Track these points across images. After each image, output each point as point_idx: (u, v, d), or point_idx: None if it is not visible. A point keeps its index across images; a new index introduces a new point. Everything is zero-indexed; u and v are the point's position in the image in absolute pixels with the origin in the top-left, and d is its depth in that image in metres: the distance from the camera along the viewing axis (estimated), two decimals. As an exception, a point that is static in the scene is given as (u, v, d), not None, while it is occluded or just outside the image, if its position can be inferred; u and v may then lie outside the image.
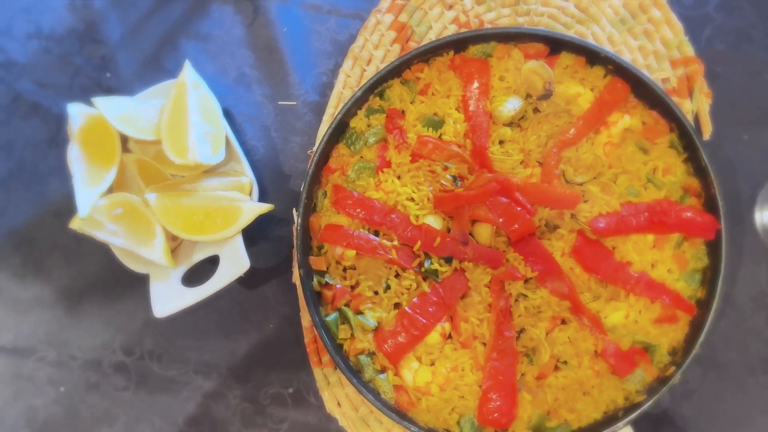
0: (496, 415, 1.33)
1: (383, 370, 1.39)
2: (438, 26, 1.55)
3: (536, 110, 1.42)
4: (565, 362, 1.36)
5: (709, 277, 1.36)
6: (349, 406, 1.51)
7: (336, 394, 1.51)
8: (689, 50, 1.54)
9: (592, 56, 1.40)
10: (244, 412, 1.55)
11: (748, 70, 1.56)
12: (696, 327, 1.34)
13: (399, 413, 1.35)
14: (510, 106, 1.39)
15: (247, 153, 1.58)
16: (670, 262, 1.37)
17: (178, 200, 1.38)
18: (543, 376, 1.36)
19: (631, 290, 1.35)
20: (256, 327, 1.57)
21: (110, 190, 1.44)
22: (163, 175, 1.48)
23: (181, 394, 1.57)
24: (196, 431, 1.56)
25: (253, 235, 1.57)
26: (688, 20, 1.56)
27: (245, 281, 1.57)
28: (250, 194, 1.46)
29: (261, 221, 1.55)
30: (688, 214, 1.36)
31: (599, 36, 1.54)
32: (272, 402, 1.55)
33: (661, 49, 1.53)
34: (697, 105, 1.51)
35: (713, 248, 1.35)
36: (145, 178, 1.47)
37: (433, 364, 1.38)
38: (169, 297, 1.38)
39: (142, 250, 1.38)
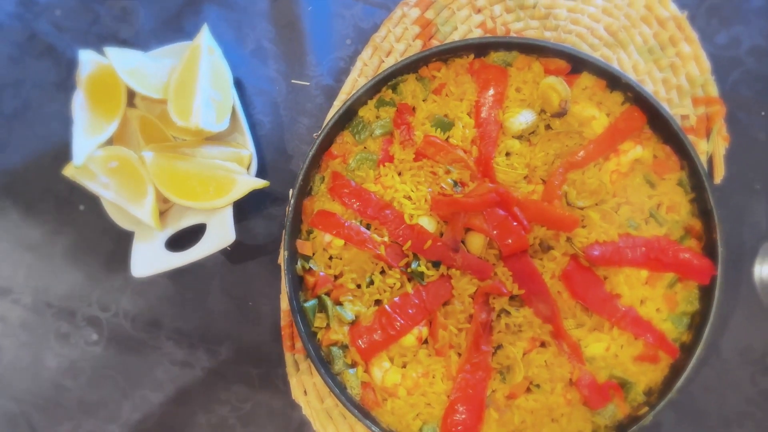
0: (459, 428, 1.31)
1: (353, 365, 1.36)
2: (464, 28, 1.52)
3: (548, 127, 1.39)
4: (538, 386, 1.33)
5: (697, 323, 1.33)
6: (315, 395, 1.49)
7: (304, 381, 1.49)
8: (713, 90, 1.50)
9: (613, 81, 1.36)
10: (210, 385, 1.53)
11: (771, 120, 1.53)
12: (676, 371, 1.31)
13: (362, 411, 1.33)
14: (522, 119, 1.36)
15: (253, 127, 1.56)
16: (660, 301, 1.34)
17: (174, 163, 1.36)
18: (513, 396, 1.33)
19: (616, 323, 1.32)
20: (235, 302, 1.55)
21: (110, 143, 1.42)
22: (164, 136, 1.46)
23: (149, 358, 1.55)
24: (160, 397, 1.54)
25: (246, 209, 1.55)
26: (717, 60, 1.53)
27: (231, 255, 1.56)
28: (248, 168, 1.44)
29: (256, 197, 1.53)
30: (686, 256, 1.32)
31: (624, 62, 1.50)
32: (239, 380, 1.53)
33: (684, 85, 1.50)
34: (713, 147, 1.48)
35: (706, 294, 1.32)
36: (146, 136, 1.45)
37: (404, 366, 1.35)
38: (150, 258, 1.36)
39: (130, 207, 1.37)
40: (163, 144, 1.43)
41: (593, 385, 1.32)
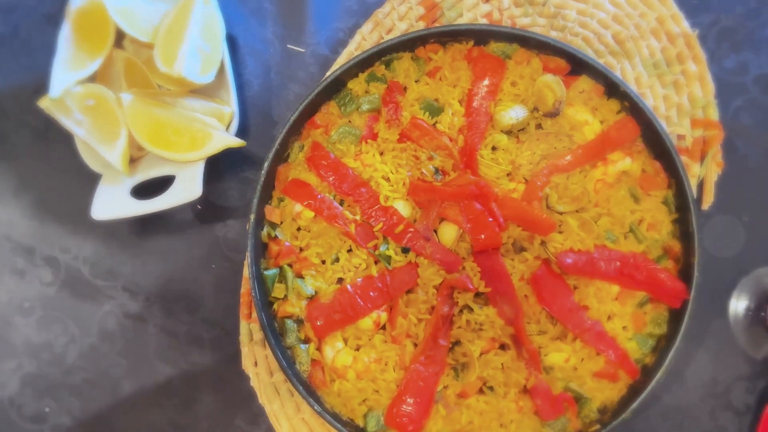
0: (405, 419, 1.27)
1: (306, 341, 1.32)
2: (469, 16, 1.48)
3: (539, 126, 1.35)
4: (491, 388, 1.29)
5: (662, 346, 1.29)
6: (265, 368, 1.45)
7: (256, 352, 1.45)
8: (714, 114, 1.46)
9: (612, 88, 1.32)
10: (160, 343, 1.50)
11: (768, 153, 1.49)
12: (634, 392, 1.27)
13: (308, 388, 1.29)
14: (514, 113, 1.32)
15: (241, 86, 1.52)
16: (628, 319, 1.30)
17: (151, 109, 1.32)
18: (465, 395, 1.29)
19: (579, 335, 1.28)
20: (199, 262, 1.51)
21: (91, 81, 1.38)
22: (148, 82, 1.42)
23: (103, 307, 1.51)
24: (108, 347, 1.50)
25: (221, 170, 1.51)
26: (722, 84, 1.48)
27: (200, 215, 1.52)
28: (227, 126, 1.40)
29: (233, 159, 1.49)
30: (660, 276, 1.28)
31: (627, 73, 1.46)
32: (191, 342, 1.49)
33: (685, 105, 1.46)
34: (705, 171, 1.44)
35: (675, 318, 1.28)
36: (129, 80, 1.41)
37: (358, 349, 1.32)
38: (113, 202, 1.32)
39: (101, 148, 1.33)
40: (145, 90, 1.39)
41: (547, 395, 1.28)
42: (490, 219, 1.29)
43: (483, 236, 1.29)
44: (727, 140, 1.46)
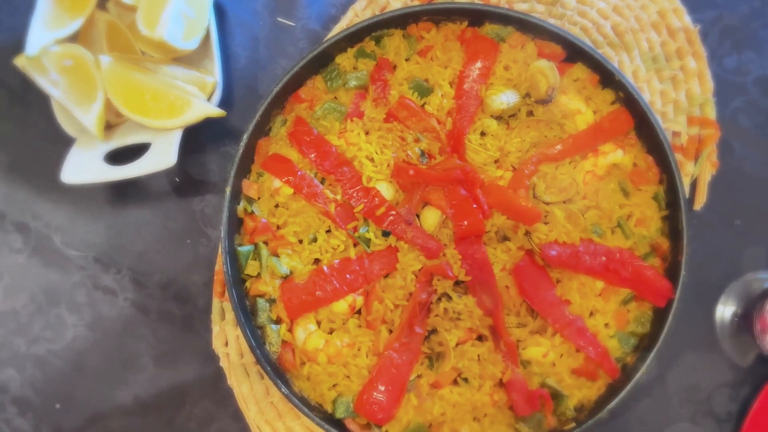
0: (375, 407, 1.22)
1: (278, 322, 1.28)
2: (466, -3, 1.43)
3: (530, 113, 1.31)
4: (466, 379, 1.25)
5: (644, 346, 1.25)
6: (235, 349, 1.40)
7: (227, 332, 1.40)
8: (712, 113, 1.42)
9: (607, 77, 1.28)
10: (129, 317, 1.45)
11: (765, 157, 1.44)
12: (612, 391, 1.23)
13: (276, 370, 1.25)
14: (505, 98, 1.28)
15: (227, 58, 1.47)
16: (610, 316, 1.26)
17: (130, 73, 1.28)
18: (438, 385, 1.25)
19: (559, 330, 1.24)
20: (173, 237, 1.46)
21: (72, 42, 1.33)
22: (131, 48, 1.37)
23: (72, 278, 1.46)
24: (75, 319, 1.45)
25: (202, 142, 1.46)
26: (721, 83, 1.44)
27: (178, 188, 1.47)
28: (209, 96, 1.36)
29: (214, 132, 1.45)
30: (647, 274, 1.24)
31: (625, 66, 1.42)
32: (160, 318, 1.45)
33: (683, 101, 1.42)
34: (699, 171, 1.40)
35: (659, 317, 1.24)
36: (111, 44, 1.36)
37: (330, 333, 1.27)
38: (84, 167, 1.27)
39: (76, 110, 1.28)
40: (126, 55, 1.34)
41: (523, 390, 1.24)
42: (475, 206, 1.25)
43: (466, 223, 1.25)
44: (724, 141, 1.42)
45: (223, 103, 1.41)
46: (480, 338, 1.27)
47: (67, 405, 1.43)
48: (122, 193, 1.47)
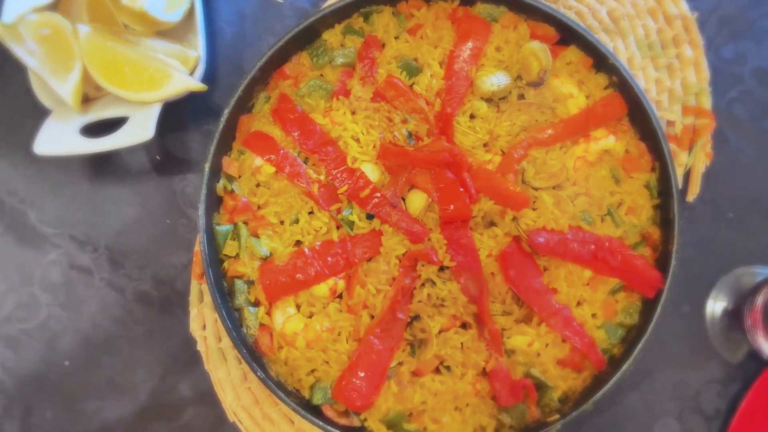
0: (354, 393, 1.19)
1: (256, 304, 1.24)
2: (459, -24, 1.40)
3: (521, 97, 1.27)
4: (448, 368, 1.21)
5: (632, 337, 1.22)
6: (213, 332, 1.36)
7: (205, 315, 1.37)
8: (707, 102, 1.39)
9: (601, 61, 1.25)
10: (106, 298, 1.41)
11: (760, 149, 1.41)
12: (598, 383, 1.20)
13: (252, 353, 1.21)
14: (495, 80, 1.24)
15: (213, 34, 1.43)
16: (598, 306, 1.23)
17: (109, 43, 1.23)
18: (420, 373, 1.21)
19: (545, 319, 1.21)
20: (152, 217, 1.42)
21: (51, 10, 1.29)
22: (113, 20, 1.32)
23: (48, 256, 1.42)
24: (49, 298, 1.41)
25: (184, 121, 1.43)
26: (718, 73, 1.41)
27: (158, 166, 1.43)
28: (192, 72, 1.31)
29: (197, 110, 1.42)
30: (636, 263, 1.21)
31: (620, 53, 1.39)
32: (138, 299, 1.41)
33: (678, 90, 1.39)
34: (693, 161, 1.37)
35: (648, 308, 1.21)
36: (92, 14, 1.32)
37: (310, 317, 1.23)
38: (59, 138, 1.23)
39: (53, 80, 1.24)
40: (108, 27, 1.30)
41: (507, 379, 1.20)
42: (462, 190, 1.22)
43: (452, 207, 1.22)
44: (719, 131, 1.39)
45: (207, 80, 1.36)
46: (464, 326, 1.23)
47: (38, 386, 1.39)
48: (101, 170, 1.43)
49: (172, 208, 1.42)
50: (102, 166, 1.43)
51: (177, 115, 1.41)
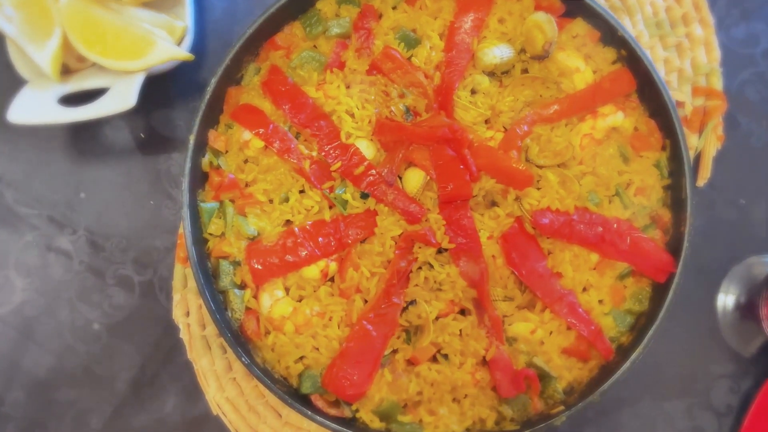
0: (345, 382, 1.11)
1: (242, 287, 1.17)
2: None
3: (525, 71, 1.21)
4: (446, 356, 1.14)
5: (641, 325, 1.14)
6: (197, 319, 1.29)
7: (189, 301, 1.29)
8: (718, 83, 1.33)
9: (609, 34, 1.19)
10: (84, 282, 1.33)
11: (773, 134, 1.35)
12: (606, 374, 1.13)
13: (237, 338, 1.13)
14: (498, 52, 1.18)
15: (202, 9, 1.37)
16: (605, 291, 1.16)
17: (90, 8, 1.17)
18: (416, 361, 1.14)
19: (549, 305, 1.14)
20: (134, 197, 1.35)
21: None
22: (97, -11, 1.26)
23: (24, 237, 1.35)
24: (24, 282, 1.34)
25: (170, 97, 1.36)
26: (729, 53, 1.36)
27: (143, 145, 1.37)
28: (179, 43, 1.25)
29: (183, 86, 1.36)
30: (646, 246, 1.14)
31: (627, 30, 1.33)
32: (118, 283, 1.33)
33: (687, 70, 1.33)
34: (703, 144, 1.30)
35: (659, 294, 1.14)
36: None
37: (300, 300, 1.16)
38: (35, 107, 1.16)
39: (31, 47, 1.17)
40: (91, -5, 1.23)
41: (508, 369, 1.13)
42: (462, 167, 1.15)
43: (452, 186, 1.15)
44: (730, 114, 1.34)
45: (195, 55, 1.29)
46: (462, 312, 1.16)
47: (11, 374, 1.31)
48: (82, 148, 1.36)
49: (156, 188, 1.35)
50: (83, 144, 1.36)
51: (162, 90, 1.34)
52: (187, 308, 1.30)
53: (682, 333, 1.30)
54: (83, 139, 1.36)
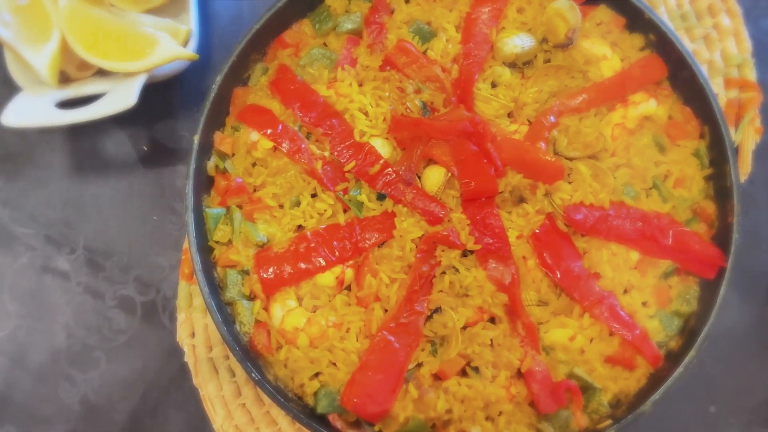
0: (366, 400, 1.00)
1: (251, 298, 1.07)
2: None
3: (548, 61, 1.14)
4: (476, 369, 1.03)
5: (691, 327, 1.04)
6: (203, 340, 1.19)
7: (194, 320, 1.20)
8: (751, 74, 1.26)
9: (636, 18, 1.12)
10: (83, 304, 1.25)
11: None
12: (656, 383, 1.01)
13: (247, 353, 1.03)
14: (519, 41, 1.11)
15: (208, 18, 1.33)
16: (649, 292, 1.06)
17: (90, 10, 1.12)
18: (444, 375, 1.03)
19: (588, 309, 1.04)
20: (137, 213, 1.28)
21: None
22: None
23: (20, 258, 1.27)
24: (18, 307, 1.25)
25: (175, 107, 1.31)
26: (760, 45, 1.29)
27: (146, 158, 1.30)
28: (183, 46, 1.19)
29: (188, 95, 1.31)
30: (691, 241, 1.04)
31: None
32: (119, 305, 1.24)
33: (718, 62, 1.26)
34: (741, 137, 1.22)
35: (709, 292, 1.04)
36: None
37: (314, 311, 1.06)
38: (31, 110, 1.10)
39: (28, 51, 1.12)
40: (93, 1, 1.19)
41: (546, 381, 1.02)
42: (485, 162, 1.07)
43: (475, 182, 1.06)
44: (766, 107, 1.26)
45: (200, 64, 1.25)
46: (492, 320, 1.06)
47: (1, 406, 1.20)
48: (81, 163, 1.30)
49: (159, 203, 1.28)
50: (83, 159, 1.30)
51: (166, 100, 1.29)
52: (193, 328, 1.20)
53: (732, 341, 1.19)
54: (82, 153, 1.30)
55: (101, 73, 1.18)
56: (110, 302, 1.24)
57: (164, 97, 1.27)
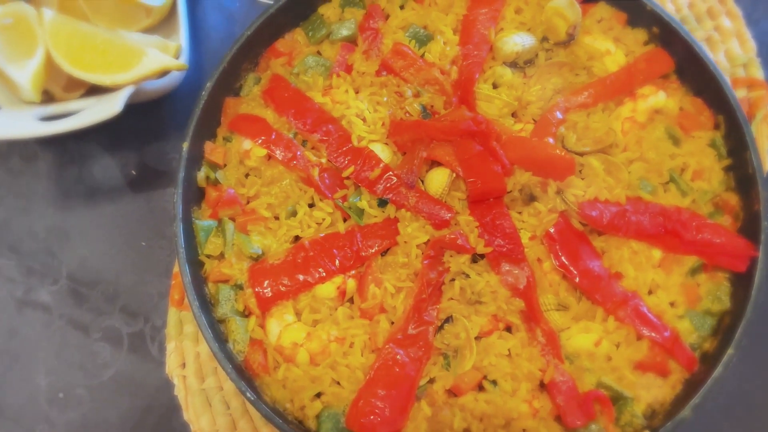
0: (375, 420, 0.90)
1: (246, 314, 0.99)
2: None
3: (550, 59, 1.10)
4: (494, 382, 0.94)
5: (726, 326, 0.95)
6: (194, 370, 1.09)
7: (185, 349, 1.11)
8: (758, 72, 1.23)
9: (637, 12, 1.09)
10: (65, 338, 1.16)
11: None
12: (692, 388, 0.92)
13: (242, 374, 0.94)
14: (519, 39, 1.08)
15: (199, 39, 1.31)
16: (676, 291, 0.98)
17: (76, 24, 1.09)
18: (458, 391, 0.93)
19: (612, 312, 0.95)
20: (124, 239, 1.21)
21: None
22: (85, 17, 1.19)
23: (-2, 292, 1.18)
24: (-6, 344, 1.15)
25: (165, 128, 1.27)
26: (764, 45, 1.26)
27: (134, 182, 1.24)
28: (173, 62, 1.16)
29: (178, 117, 1.25)
30: (717, 234, 0.97)
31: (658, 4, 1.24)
32: (104, 337, 1.15)
33: (723, 62, 1.23)
34: (755, 135, 1.17)
35: (741, 286, 0.96)
36: (62, 6, 1.18)
37: (314, 325, 0.97)
38: (11, 123, 1.04)
39: (10, 67, 1.08)
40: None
41: (573, 392, 0.92)
42: (491, 160, 1.01)
43: (481, 182, 1.00)
44: (776, 106, 1.21)
45: (190, 84, 1.22)
46: (509, 328, 0.97)
47: (-28, 453, 1.10)
48: (69, 190, 1.24)
49: (148, 228, 1.21)
50: (67, 186, 1.24)
51: (156, 122, 1.25)
52: (183, 358, 1.11)
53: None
54: (68, 180, 1.24)
55: (88, 94, 1.13)
56: (95, 335, 1.16)
57: (153, 119, 1.23)
